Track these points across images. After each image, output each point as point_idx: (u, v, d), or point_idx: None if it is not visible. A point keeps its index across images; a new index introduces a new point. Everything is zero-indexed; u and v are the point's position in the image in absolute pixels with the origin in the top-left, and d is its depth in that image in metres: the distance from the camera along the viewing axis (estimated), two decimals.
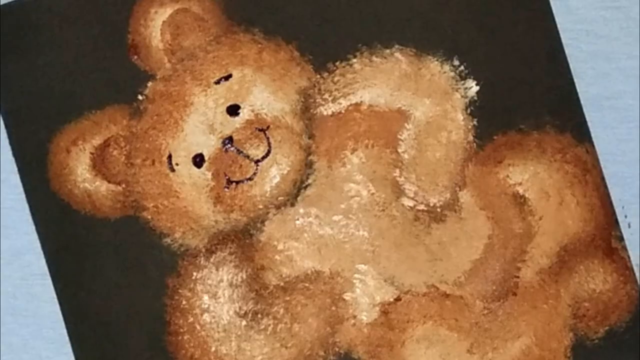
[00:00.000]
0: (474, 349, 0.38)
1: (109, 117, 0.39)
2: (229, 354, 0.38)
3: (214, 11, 0.39)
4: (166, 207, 0.38)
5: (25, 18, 0.39)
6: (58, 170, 0.39)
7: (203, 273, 0.38)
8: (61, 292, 0.38)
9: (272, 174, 0.38)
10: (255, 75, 0.39)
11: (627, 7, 0.36)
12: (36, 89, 0.39)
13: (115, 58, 0.39)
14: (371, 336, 0.38)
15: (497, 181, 0.37)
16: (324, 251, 0.38)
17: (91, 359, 0.38)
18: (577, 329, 0.38)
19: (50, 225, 0.38)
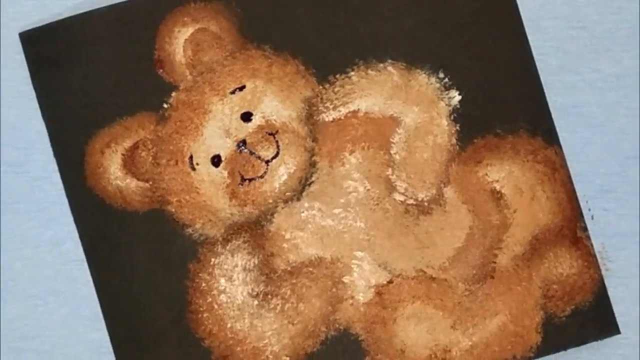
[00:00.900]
0: (456, 325, 0.39)
1: (138, 122, 0.40)
2: (243, 330, 0.39)
3: (230, 30, 0.40)
4: (188, 202, 0.40)
5: (65, 36, 0.40)
6: (93, 169, 0.40)
7: (220, 259, 0.40)
8: (96, 275, 0.39)
9: (281, 173, 0.40)
10: (266, 86, 0.40)
11: (590, 27, 0.38)
12: (74, 98, 0.40)
13: (144, 71, 0.40)
14: (367, 314, 0.40)
15: (476, 179, 0.38)
16: (326, 240, 0.40)
17: (122, 334, 0.39)
18: (546, 307, 0.39)
19: (86, 218, 0.40)
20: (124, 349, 0.39)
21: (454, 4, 0.39)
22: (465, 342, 0.39)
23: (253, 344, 0.39)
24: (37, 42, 0.40)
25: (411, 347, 0.39)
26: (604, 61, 0.39)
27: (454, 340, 0.39)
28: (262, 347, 0.39)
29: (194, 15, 0.40)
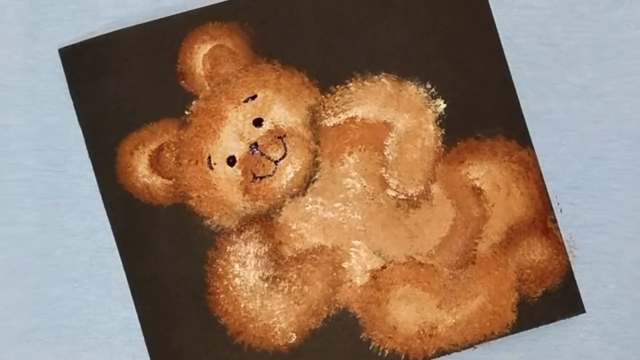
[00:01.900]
0: (442, 305, 0.40)
1: (162, 127, 0.41)
2: (255, 309, 0.40)
3: (243, 47, 0.41)
4: (206, 197, 0.40)
5: (99, 52, 0.41)
6: (123, 168, 0.40)
7: (235, 247, 0.40)
8: (126, 261, 0.40)
9: (288, 172, 0.40)
10: (275, 95, 0.41)
11: (559, 43, 0.40)
12: (107, 106, 0.41)
13: (168, 83, 0.41)
14: (363, 295, 0.40)
15: (459, 177, 0.40)
16: (327, 230, 0.40)
17: (149, 313, 0.40)
18: (521, 290, 0.40)
19: (117, 211, 0.40)
20: (150, 325, 0.40)
21: (440, 25, 0.40)
22: (449, 320, 0.40)
23: (264, 321, 0.40)
24: (74, 57, 0.41)
25: (402, 324, 0.40)
26: (571, 73, 0.40)
27: (439, 318, 0.40)
28: (271, 324, 0.40)
29: (211, 33, 0.41)
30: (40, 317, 0.40)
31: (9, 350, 0.41)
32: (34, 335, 0.40)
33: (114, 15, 0.41)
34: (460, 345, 0.40)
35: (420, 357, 0.40)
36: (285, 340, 0.40)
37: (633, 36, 0.40)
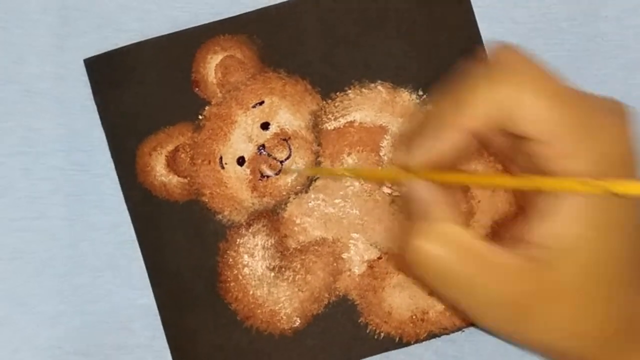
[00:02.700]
0: (432, 293, 0.40)
1: (178, 131, 0.41)
2: (262, 296, 0.40)
3: (252, 57, 0.41)
4: (218, 194, 0.41)
5: (120, 62, 0.41)
6: (143, 168, 0.41)
7: (244, 239, 0.41)
8: (145, 253, 0.41)
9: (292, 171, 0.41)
10: (281, 101, 0.41)
11: (539, 54, 0.37)
12: (127, 111, 0.41)
13: (183, 90, 0.41)
14: (361, 283, 0.40)
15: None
16: (328, 224, 0.41)
17: (166, 299, 0.40)
18: None
19: (137, 206, 0.41)
20: (167, 310, 0.40)
21: (430, 38, 0.40)
22: (438, 306, 0.40)
23: (270, 307, 0.40)
24: (98, 66, 0.41)
25: (396, 310, 0.40)
26: None
27: (430, 305, 0.40)
28: (277, 310, 0.40)
29: (223, 45, 0.41)
30: (66, 303, 0.41)
31: (39, 333, 0.40)
32: (60, 319, 0.41)
33: (134, 29, 0.41)
34: (449, 329, 0.40)
35: (412, 339, 0.40)
36: (290, 324, 0.40)
37: (606, 48, 0.41)
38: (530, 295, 0.30)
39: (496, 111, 0.30)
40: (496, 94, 0.30)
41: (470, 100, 0.30)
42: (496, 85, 0.30)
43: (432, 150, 0.32)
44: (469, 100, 0.30)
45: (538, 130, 0.29)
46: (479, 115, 0.30)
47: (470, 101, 0.30)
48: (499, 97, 0.30)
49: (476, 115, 0.30)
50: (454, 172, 0.34)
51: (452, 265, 0.30)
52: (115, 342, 0.41)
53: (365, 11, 0.41)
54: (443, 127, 0.31)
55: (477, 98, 0.30)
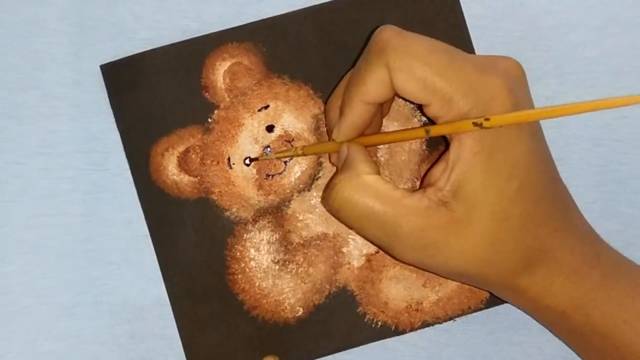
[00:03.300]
0: (426, 284, 0.41)
1: (189, 133, 0.41)
2: (267, 287, 0.41)
3: (258, 64, 0.42)
4: (226, 192, 0.41)
5: (135, 68, 0.41)
6: (156, 167, 0.41)
7: (250, 235, 0.41)
8: (158, 247, 0.41)
9: (296, 170, 0.41)
10: (285, 105, 0.42)
11: (527, 60, 0.37)
12: (141, 115, 0.41)
13: (193, 94, 0.41)
14: (360, 275, 0.41)
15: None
16: (329, 220, 0.41)
17: (177, 291, 0.41)
18: None
19: (150, 204, 0.41)
20: (178, 301, 0.41)
21: None
22: (432, 296, 0.41)
23: (275, 297, 0.41)
24: (113, 72, 0.42)
25: (393, 300, 0.41)
26: (538, 86, 0.40)
27: (424, 295, 0.41)
28: (281, 300, 0.41)
29: (231, 52, 0.41)
30: (83, 294, 0.41)
31: (56, 323, 0.41)
32: (78, 310, 0.41)
33: (147, 37, 0.42)
34: (442, 318, 0.41)
35: (407, 328, 0.41)
36: (294, 314, 0.41)
37: (590, 55, 0.42)
38: (437, 229, 0.33)
39: (382, 86, 0.34)
40: (380, 72, 0.34)
41: (363, 78, 0.35)
42: (379, 65, 0.34)
43: (348, 123, 0.37)
44: (363, 78, 0.35)
45: (416, 97, 0.34)
46: (370, 91, 0.35)
47: (364, 80, 0.35)
48: (382, 75, 0.34)
49: (367, 91, 0.35)
50: (372, 135, 0.38)
51: (373, 208, 0.34)
52: (129, 332, 0.41)
53: (363, 21, 0.41)
54: (350, 103, 0.36)
55: (367, 77, 0.35)
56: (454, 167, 0.33)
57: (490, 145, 0.33)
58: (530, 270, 0.34)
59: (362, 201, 0.35)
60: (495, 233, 0.33)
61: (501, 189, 0.33)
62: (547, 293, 0.35)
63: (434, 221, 0.33)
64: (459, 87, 0.33)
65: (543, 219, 0.34)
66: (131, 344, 0.41)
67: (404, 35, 0.34)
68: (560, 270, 0.35)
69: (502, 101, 0.32)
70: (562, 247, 0.35)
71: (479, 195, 0.33)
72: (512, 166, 0.33)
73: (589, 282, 0.35)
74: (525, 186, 0.33)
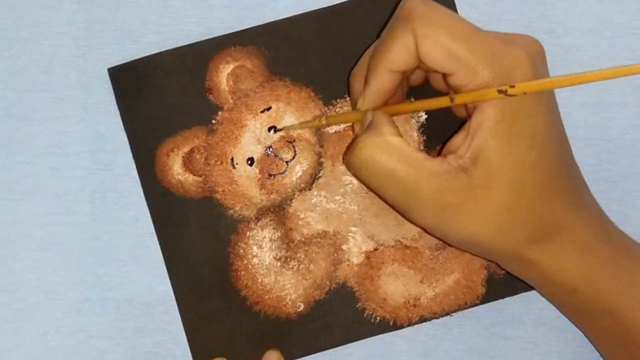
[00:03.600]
0: (424, 280, 0.42)
1: (193, 134, 0.42)
2: (270, 283, 0.42)
3: (260, 67, 0.42)
4: (230, 191, 0.42)
5: (141, 71, 0.42)
6: (161, 167, 0.42)
7: (253, 232, 0.42)
8: (163, 244, 0.42)
9: (297, 170, 0.42)
10: (286, 107, 0.42)
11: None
12: (147, 116, 0.42)
13: (198, 96, 0.42)
14: (359, 272, 0.42)
15: None
16: (329, 218, 0.42)
17: (182, 287, 0.41)
18: (489, 268, 0.42)
19: (156, 202, 0.42)
20: (183, 297, 0.42)
21: None
22: (430, 292, 0.41)
23: (277, 293, 0.41)
24: (120, 75, 0.42)
25: (391, 296, 0.41)
26: None
27: (422, 291, 0.41)
28: (283, 296, 0.41)
29: (234, 55, 0.42)
30: (91, 290, 0.42)
31: (65, 318, 0.42)
32: (85, 306, 0.42)
33: (153, 41, 0.43)
34: (439, 314, 0.41)
35: (405, 323, 0.41)
36: (295, 309, 0.41)
37: (581, 57, 0.43)
38: (456, 193, 0.34)
39: (407, 53, 0.35)
40: (406, 39, 0.35)
41: (389, 46, 0.35)
42: (406, 33, 0.35)
43: (373, 90, 0.37)
44: (388, 46, 0.35)
45: (441, 65, 0.34)
46: (395, 58, 0.35)
47: (389, 47, 0.35)
48: (408, 42, 0.35)
49: (392, 58, 0.35)
50: (396, 105, 0.39)
51: (395, 167, 0.35)
52: (136, 327, 0.42)
53: (362, 26, 0.42)
54: (375, 70, 0.37)
55: (393, 44, 0.35)
56: (475, 135, 0.34)
57: (512, 115, 0.33)
58: (543, 242, 0.35)
59: (385, 160, 0.35)
60: (512, 201, 0.34)
61: (520, 157, 0.33)
62: (558, 267, 0.35)
63: (453, 185, 0.34)
64: (483, 56, 0.33)
65: (559, 192, 0.35)
66: (137, 339, 0.42)
67: (431, 5, 0.35)
68: (573, 245, 0.35)
69: (524, 70, 0.33)
70: (576, 222, 0.35)
71: (498, 162, 0.33)
72: (531, 136, 0.33)
73: (600, 259, 0.35)
74: (543, 156, 0.34)
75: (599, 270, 0.35)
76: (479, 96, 0.34)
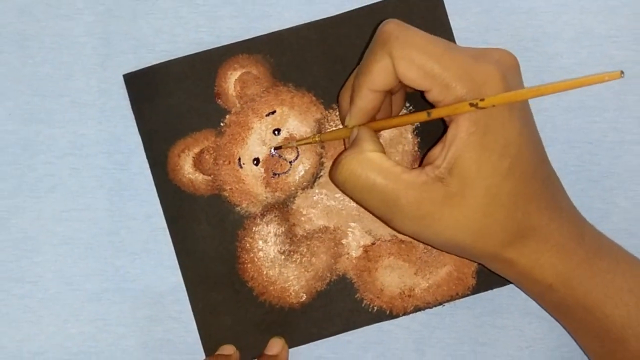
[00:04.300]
0: (418, 273, 0.42)
1: (203, 136, 0.42)
2: (274, 275, 0.42)
3: (266, 73, 0.43)
4: (237, 189, 0.42)
5: (155, 77, 0.42)
6: (173, 167, 0.42)
7: (259, 228, 0.42)
8: (175, 239, 0.42)
9: (300, 170, 0.42)
10: (290, 111, 0.43)
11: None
12: (160, 119, 0.42)
13: (207, 101, 0.42)
14: (358, 265, 0.42)
15: None
16: (330, 215, 0.42)
17: (192, 279, 0.42)
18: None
19: (168, 200, 0.42)
20: (193, 289, 0.42)
21: None
22: (424, 284, 0.42)
23: (281, 284, 0.42)
24: (135, 81, 0.43)
25: (387, 287, 0.42)
26: None
27: (416, 283, 0.42)
28: (287, 287, 0.42)
29: (241, 63, 0.43)
30: (108, 281, 0.43)
31: (85, 307, 0.43)
32: (103, 295, 0.43)
33: (165, 49, 0.43)
34: (432, 303, 0.42)
35: (401, 312, 0.42)
36: (298, 299, 0.42)
37: (565, 64, 0.43)
38: (433, 202, 0.35)
39: (386, 74, 0.36)
40: (384, 62, 0.36)
41: (370, 68, 0.37)
42: (383, 55, 0.36)
43: (357, 109, 0.38)
44: (370, 68, 0.37)
45: (417, 84, 0.35)
46: (375, 79, 0.36)
47: (370, 69, 0.36)
48: (386, 64, 0.36)
49: (373, 79, 0.37)
50: (379, 121, 0.40)
51: (374, 181, 0.36)
52: (149, 315, 0.43)
53: (360, 35, 0.43)
54: (359, 91, 0.38)
55: (372, 66, 0.36)
56: (451, 146, 0.34)
57: (484, 126, 0.34)
58: (520, 244, 0.36)
59: (365, 175, 0.36)
60: (487, 207, 0.35)
61: (494, 166, 0.34)
62: (535, 266, 0.36)
63: (430, 195, 0.35)
64: (455, 73, 0.34)
65: (533, 197, 0.35)
66: (151, 326, 0.43)
67: (406, 28, 0.36)
68: (548, 246, 0.36)
69: (495, 85, 0.34)
70: (550, 225, 0.36)
71: (472, 171, 0.34)
72: (504, 145, 0.34)
73: (575, 259, 0.36)
74: (516, 164, 0.35)
75: (573, 269, 0.36)
76: (453, 110, 0.34)
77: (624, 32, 0.44)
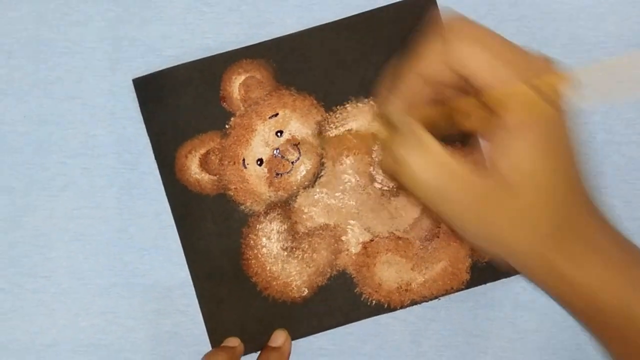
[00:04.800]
0: (415, 268, 0.42)
1: (209, 137, 0.43)
2: (277, 271, 0.42)
3: (269, 77, 0.43)
4: (241, 189, 0.43)
5: (163, 81, 0.43)
6: (180, 167, 0.43)
7: (262, 225, 0.43)
8: (183, 236, 0.43)
9: (301, 170, 0.43)
10: (292, 113, 0.43)
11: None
12: (168, 121, 0.43)
13: (213, 104, 0.43)
14: (357, 260, 0.43)
15: None
16: (330, 213, 0.43)
17: (199, 274, 0.42)
18: (473, 256, 0.42)
19: (176, 199, 0.43)
20: (200, 283, 0.42)
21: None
22: (420, 278, 0.42)
23: (284, 280, 0.42)
24: (144, 85, 0.43)
25: (385, 282, 0.42)
26: None
27: (412, 278, 0.42)
28: (289, 282, 0.42)
29: (245, 67, 0.43)
30: (118, 276, 0.43)
31: (95, 301, 0.43)
32: (114, 290, 0.43)
33: (173, 54, 0.44)
34: (428, 297, 0.42)
35: (398, 306, 0.42)
36: (300, 294, 0.42)
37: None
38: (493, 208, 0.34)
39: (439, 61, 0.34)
40: (439, 48, 0.34)
41: (423, 53, 0.35)
42: (439, 42, 0.34)
43: (399, 94, 0.36)
44: (424, 53, 0.35)
45: (472, 73, 0.33)
46: (427, 65, 0.34)
47: (425, 54, 0.35)
48: (440, 51, 0.34)
49: (424, 64, 0.35)
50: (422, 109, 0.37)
51: (439, 183, 0.34)
52: (157, 309, 0.43)
53: (360, 40, 0.43)
54: (406, 74, 0.35)
55: (431, 52, 0.34)
56: (510, 155, 0.33)
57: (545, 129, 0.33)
58: (567, 246, 0.35)
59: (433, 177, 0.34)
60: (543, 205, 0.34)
61: (552, 166, 0.33)
62: (579, 271, 0.35)
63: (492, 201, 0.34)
64: (510, 62, 0.33)
65: (583, 202, 0.35)
66: (159, 319, 0.43)
67: (461, 17, 0.34)
68: (594, 252, 0.35)
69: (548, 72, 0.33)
70: (597, 231, 0.35)
71: (534, 170, 0.33)
72: (564, 147, 0.34)
73: (618, 266, 0.35)
74: (571, 166, 0.34)
75: (615, 276, 0.35)
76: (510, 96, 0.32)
77: (612, 39, 0.44)
